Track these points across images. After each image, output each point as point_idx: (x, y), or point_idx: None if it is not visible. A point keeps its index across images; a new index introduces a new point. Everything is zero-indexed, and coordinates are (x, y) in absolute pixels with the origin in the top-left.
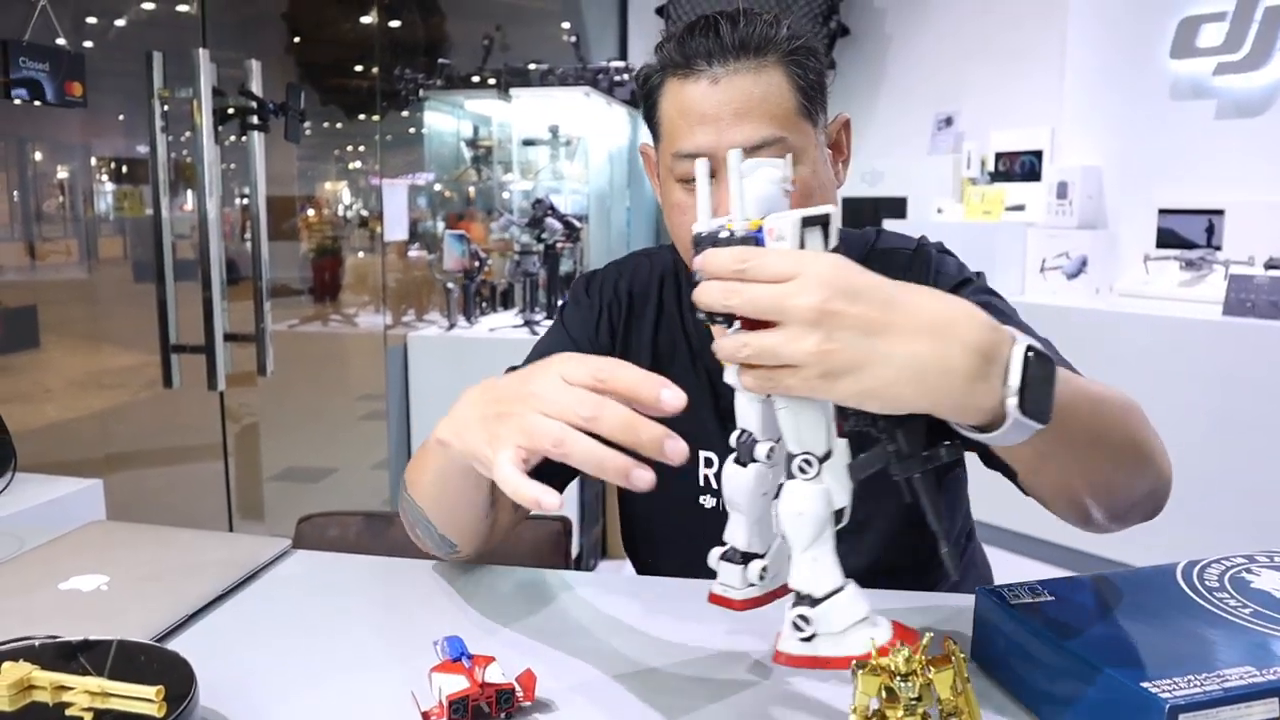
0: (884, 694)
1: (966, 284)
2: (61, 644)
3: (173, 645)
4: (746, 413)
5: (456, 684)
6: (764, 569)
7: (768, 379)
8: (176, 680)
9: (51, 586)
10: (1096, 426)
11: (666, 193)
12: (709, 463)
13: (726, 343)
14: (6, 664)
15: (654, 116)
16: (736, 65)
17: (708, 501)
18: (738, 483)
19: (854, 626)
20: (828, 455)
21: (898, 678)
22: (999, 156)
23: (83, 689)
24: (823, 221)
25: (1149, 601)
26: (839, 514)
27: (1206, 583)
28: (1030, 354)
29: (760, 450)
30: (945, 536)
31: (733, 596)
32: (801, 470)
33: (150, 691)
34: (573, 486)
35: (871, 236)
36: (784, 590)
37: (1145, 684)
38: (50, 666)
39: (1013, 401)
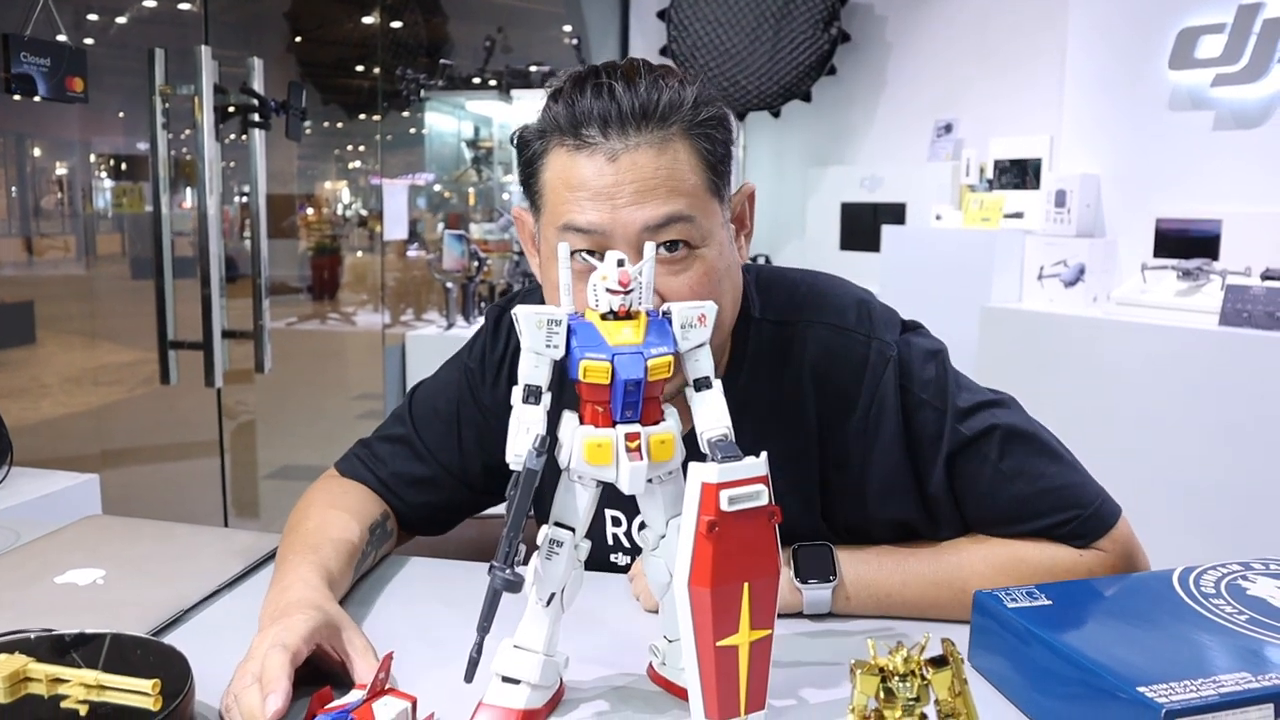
0: (882, 694)
1: (927, 422)
2: (57, 637)
3: (169, 639)
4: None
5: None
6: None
7: None
8: (172, 674)
9: (47, 580)
10: (927, 599)
11: (546, 269)
12: (616, 521)
13: None
14: (2, 656)
15: (535, 184)
16: (637, 138)
17: (620, 559)
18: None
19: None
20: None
21: (896, 678)
22: (997, 163)
23: (78, 681)
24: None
25: (1146, 607)
26: None
27: (1203, 589)
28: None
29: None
30: None
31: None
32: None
33: (146, 685)
34: None
35: (813, 300)
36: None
37: (1141, 688)
38: (46, 659)
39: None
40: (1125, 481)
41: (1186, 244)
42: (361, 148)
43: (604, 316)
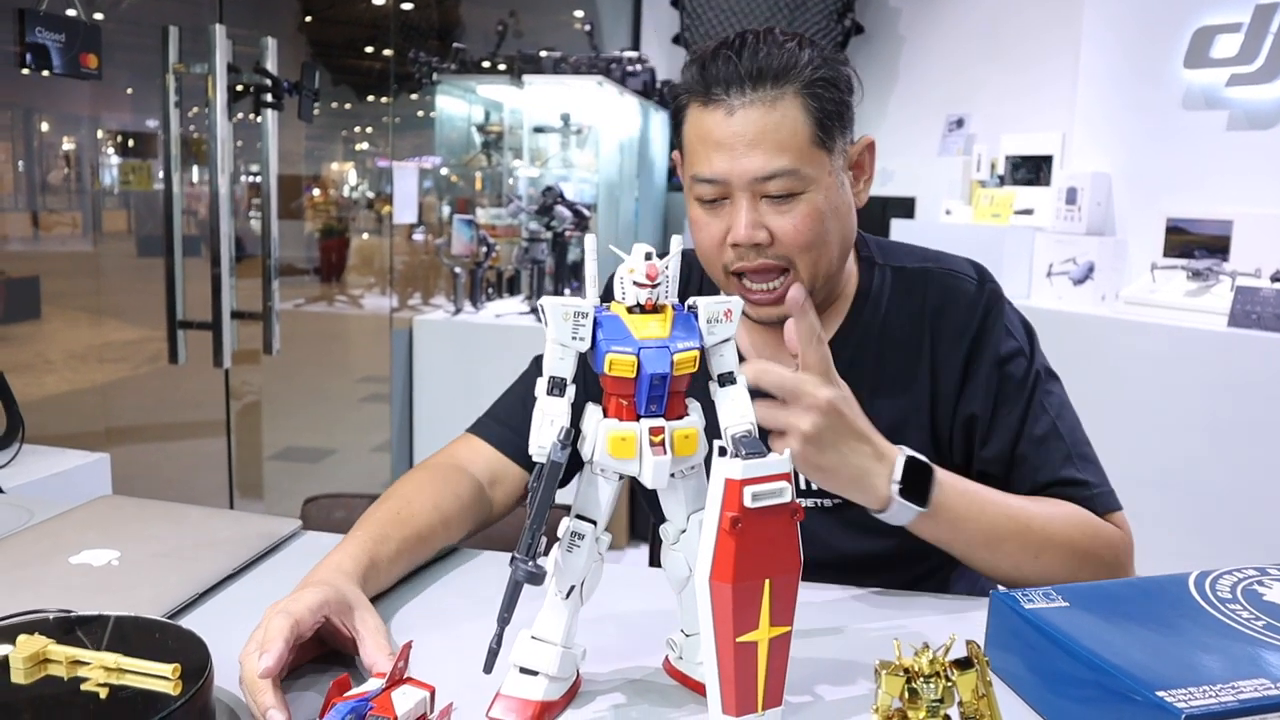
0: (906, 695)
1: (1016, 357)
2: (75, 618)
3: (184, 622)
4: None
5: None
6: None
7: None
8: (191, 657)
9: (62, 560)
10: (999, 530)
11: (688, 207)
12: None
13: (760, 417)
14: (21, 637)
15: (679, 137)
16: (753, 95)
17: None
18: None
19: None
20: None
21: (921, 679)
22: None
23: (99, 664)
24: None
25: (1162, 610)
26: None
27: (1219, 594)
28: (909, 461)
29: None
30: None
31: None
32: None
33: (166, 669)
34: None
35: (931, 256)
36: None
37: (1161, 693)
38: (64, 640)
39: (895, 491)
40: (1132, 482)
41: (1197, 244)
42: (370, 130)
43: (630, 310)
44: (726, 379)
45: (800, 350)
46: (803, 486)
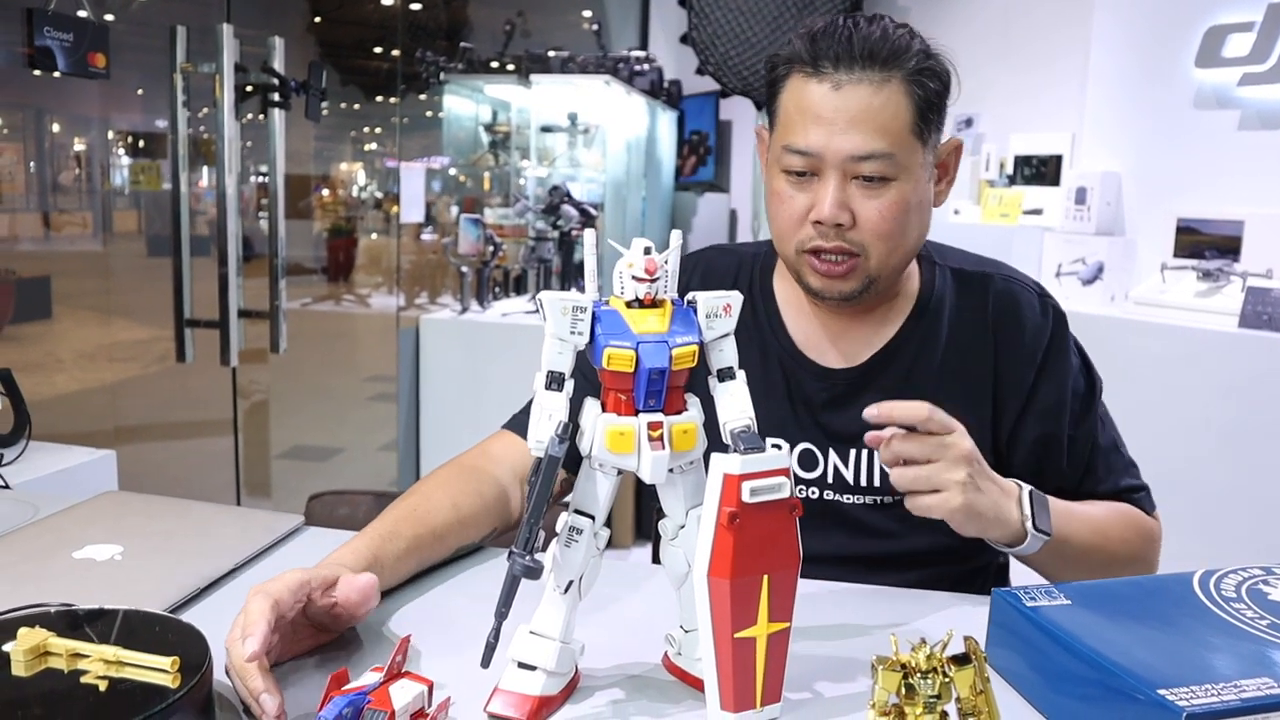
0: (903, 690)
1: (1080, 375)
2: (76, 612)
3: (185, 617)
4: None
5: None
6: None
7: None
8: (191, 652)
9: (66, 555)
10: (1094, 547)
11: (770, 178)
12: (775, 449)
13: (908, 480)
14: (22, 630)
15: (773, 104)
16: (861, 74)
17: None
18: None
19: None
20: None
21: (918, 674)
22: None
23: (98, 657)
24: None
25: (1166, 609)
26: None
27: (1223, 593)
28: (1031, 495)
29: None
30: None
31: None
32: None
33: (165, 662)
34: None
35: (987, 263)
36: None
37: (1162, 691)
38: (65, 634)
39: (1029, 524)
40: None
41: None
42: (378, 130)
43: (629, 304)
44: (726, 374)
45: (916, 416)
46: (863, 483)
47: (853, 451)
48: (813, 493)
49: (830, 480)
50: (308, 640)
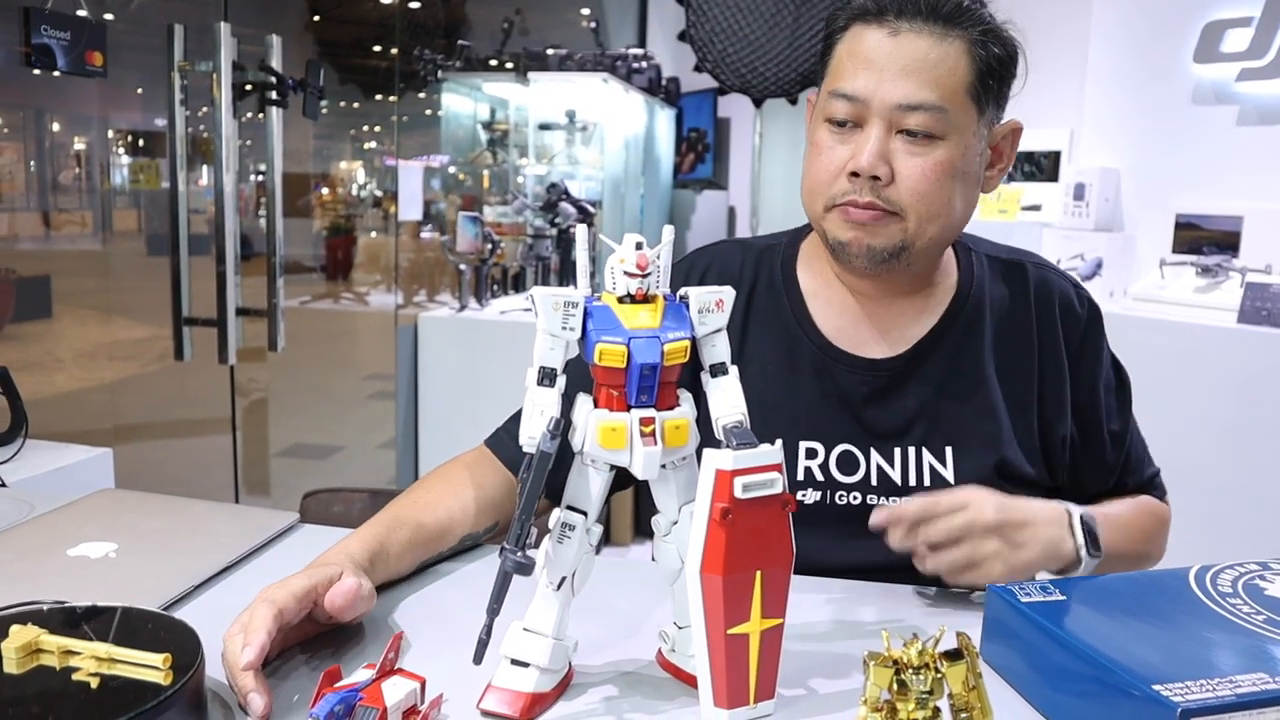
0: (895, 686)
1: (1114, 368)
2: (69, 609)
3: (179, 614)
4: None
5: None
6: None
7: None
8: (184, 649)
9: (60, 552)
10: (1131, 552)
11: (811, 131)
12: (811, 453)
13: (945, 566)
14: (14, 627)
15: (827, 57)
16: (924, 26)
17: (807, 497)
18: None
19: None
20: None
21: (910, 670)
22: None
23: (90, 654)
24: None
25: (1161, 605)
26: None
27: (1220, 588)
28: (1081, 520)
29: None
30: None
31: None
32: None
33: (157, 659)
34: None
35: (1017, 251)
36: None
37: (1157, 686)
38: (58, 631)
39: (1083, 552)
40: None
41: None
42: (377, 128)
43: (621, 300)
44: (718, 369)
45: (924, 509)
46: (911, 483)
47: (897, 450)
48: (854, 498)
49: (874, 483)
50: (306, 631)
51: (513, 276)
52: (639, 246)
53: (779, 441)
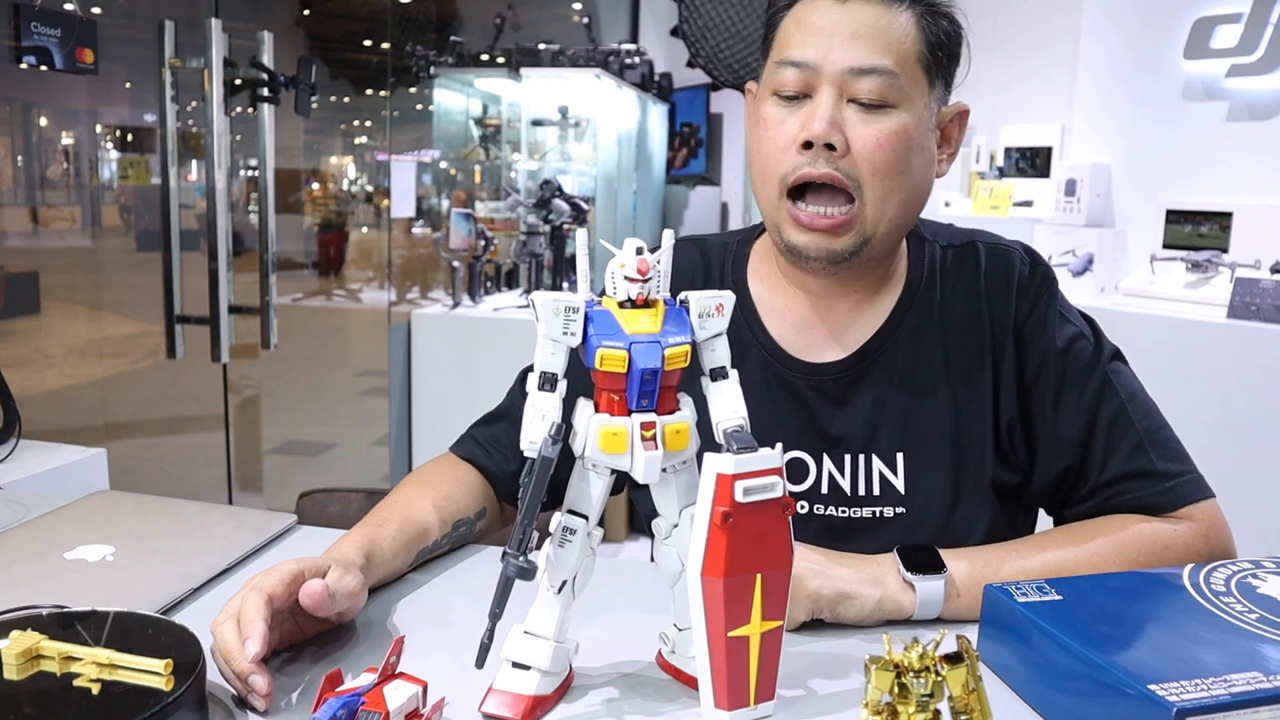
0: (896, 689)
1: (1077, 341)
2: (69, 614)
3: (178, 618)
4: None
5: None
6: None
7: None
8: (184, 653)
9: (57, 556)
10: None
11: (757, 109)
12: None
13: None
14: (14, 633)
15: (770, 36)
16: None
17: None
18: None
19: None
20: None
21: (910, 673)
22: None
23: (91, 660)
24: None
25: (1156, 604)
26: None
27: (1213, 587)
28: (897, 553)
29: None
30: None
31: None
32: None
33: (159, 664)
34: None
35: (976, 234)
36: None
37: (1152, 686)
38: (58, 636)
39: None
40: None
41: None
42: (369, 124)
43: (621, 304)
44: (718, 374)
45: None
46: (860, 493)
47: (847, 457)
48: (800, 507)
49: (824, 491)
50: (305, 630)
51: (506, 273)
52: (640, 252)
53: (779, 445)
